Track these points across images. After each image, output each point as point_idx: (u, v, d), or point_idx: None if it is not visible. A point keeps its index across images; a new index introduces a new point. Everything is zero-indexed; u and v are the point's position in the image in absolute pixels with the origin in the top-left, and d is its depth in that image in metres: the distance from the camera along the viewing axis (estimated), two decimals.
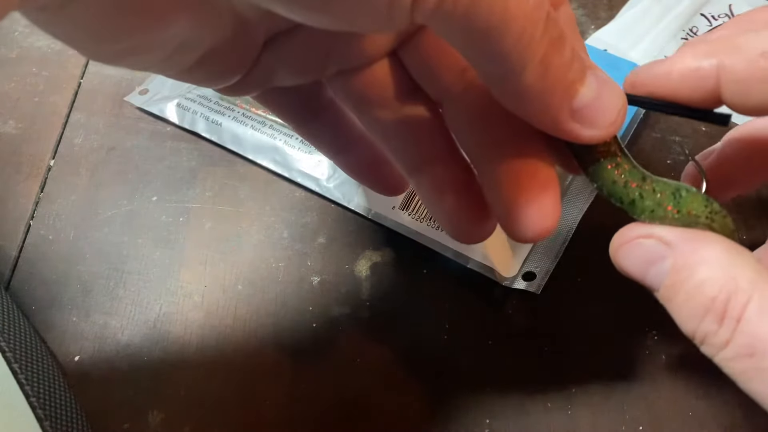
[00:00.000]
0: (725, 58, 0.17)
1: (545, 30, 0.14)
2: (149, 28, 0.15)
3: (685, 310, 0.17)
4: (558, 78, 0.15)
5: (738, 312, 0.15)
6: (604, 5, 0.39)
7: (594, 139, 0.17)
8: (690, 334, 0.17)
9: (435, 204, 0.22)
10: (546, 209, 0.18)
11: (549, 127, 0.17)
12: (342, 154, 0.25)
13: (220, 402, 0.26)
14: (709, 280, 0.16)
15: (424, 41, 0.19)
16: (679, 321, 0.17)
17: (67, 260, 0.30)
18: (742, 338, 0.15)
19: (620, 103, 0.17)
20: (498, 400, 0.26)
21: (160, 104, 0.34)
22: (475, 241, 0.22)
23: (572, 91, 0.16)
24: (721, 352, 0.16)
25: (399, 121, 0.20)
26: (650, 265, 0.17)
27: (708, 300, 0.16)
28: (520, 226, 0.18)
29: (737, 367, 0.16)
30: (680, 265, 0.17)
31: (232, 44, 0.17)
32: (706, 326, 0.16)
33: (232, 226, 0.31)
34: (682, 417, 0.26)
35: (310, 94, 0.23)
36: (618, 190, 0.18)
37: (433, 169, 0.21)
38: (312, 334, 0.28)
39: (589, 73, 0.16)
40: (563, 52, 0.15)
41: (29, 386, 0.24)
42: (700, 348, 0.17)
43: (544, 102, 0.16)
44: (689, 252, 0.17)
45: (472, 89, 0.19)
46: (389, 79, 0.20)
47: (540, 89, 0.15)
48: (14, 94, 0.35)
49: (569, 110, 0.16)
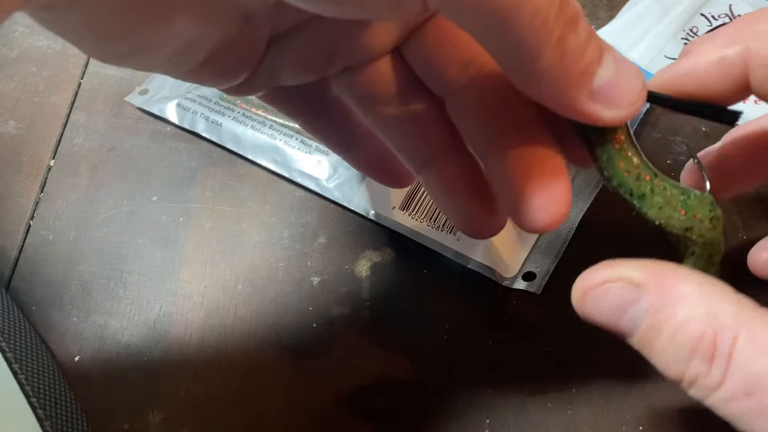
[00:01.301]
0: (751, 43, 0.16)
1: (560, 10, 0.14)
2: (155, 26, 0.15)
3: (670, 353, 0.15)
4: (575, 59, 0.15)
5: (728, 348, 0.14)
6: (604, 5, 0.39)
7: (615, 120, 0.16)
8: (676, 377, 0.16)
9: (444, 200, 0.22)
10: (557, 196, 0.18)
11: (568, 110, 0.16)
12: (350, 150, 0.25)
13: (220, 402, 0.26)
14: (693, 317, 0.15)
15: (426, 36, 0.19)
16: (663, 365, 0.16)
17: (67, 260, 0.30)
18: (738, 377, 0.14)
19: (640, 82, 0.16)
20: (498, 400, 0.26)
21: (160, 104, 0.34)
22: (485, 236, 0.22)
23: (591, 72, 0.15)
24: (715, 394, 0.15)
25: (404, 118, 0.20)
26: (622, 310, 0.16)
27: (695, 339, 0.15)
28: (531, 215, 0.18)
29: (736, 407, 0.15)
30: (658, 305, 0.15)
31: (237, 43, 0.17)
32: (696, 367, 0.15)
33: (232, 226, 0.31)
34: (682, 417, 0.26)
35: (315, 92, 0.23)
36: (629, 182, 0.17)
37: (440, 164, 0.21)
38: (312, 334, 0.28)
39: (606, 53, 0.16)
40: (579, 32, 0.15)
41: (29, 386, 0.24)
42: (688, 391, 0.16)
43: (562, 84, 0.15)
44: (664, 290, 0.15)
45: (475, 82, 0.19)
46: (393, 76, 0.20)
47: (558, 71, 0.15)
48: (14, 94, 0.35)
49: (588, 91, 0.15)
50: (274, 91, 0.21)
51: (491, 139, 0.19)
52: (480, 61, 0.19)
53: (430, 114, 0.20)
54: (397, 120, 0.21)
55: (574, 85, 0.15)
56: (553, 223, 0.18)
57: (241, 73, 0.19)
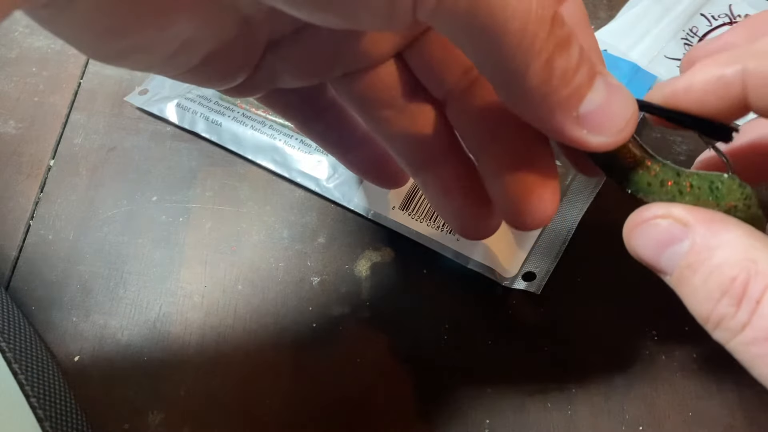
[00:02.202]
0: (749, 63, 0.17)
1: (551, 31, 0.14)
2: (153, 25, 0.15)
3: (701, 292, 0.16)
4: (564, 81, 0.15)
5: (758, 294, 0.15)
6: (604, 5, 0.39)
7: (602, 147, 0.16)
8: (704, 317, 0.16)
9: (441, 202, 0.22)
10: (546, 199, 0.19)
11: (555, 133, 0.16)
12: (345, 152, 0.25)
13: (220, 402, 0.26)
14: (729, 261, 0.15)
15: (429, 42, 0.19)
16: (693, 304, 0.16)
17: (67, 260, 0.30)
18: (762, 321, 0.15)
19: (630, 110, 0.16)
20: (498, 400, 0.26)
21: (160, 104, 0.34)
22: (480, 237, 0.22)
23: (578, 96, 0.15)
24: (738, 337, 0.15)
25: (403, 122, 0.20)
26: (665, 246, 0.16)
27: (727, 280, 0.15)
28: (522, 216, 0.19)
29: (754, 351, 0.15)
30: (699, 246, 0.16)
31: (235, 45, 0.17)
32: (723, 309, 0.15)
33: (232, 226, 0.31)
34: (682, 417, 0.26)
35: (312, 94, 0.22)
36: (656, 191, 0.17)
37: (438, 167, 0.21)
38: (312, 334, 0.28)
39: (599, 77, 0.16)
40: (570, 55, 0.15)
41: (29, 386, 0.24)
42: (713, 333, 0.16)
43: (548, 106, 0.15)
44: (709, 234, 0.16)
45: (475, 88, 0.19)
46: (394, 81, 0.20)
47: (544, 92, 0.15)
48: (14, 94, 0.35)
49: (575, 116, 0.15)
50: (270, 92, 0.21)
51: (488, 144, 0.19)
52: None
53: (430, 118, 0.20)
54: (396, 124, 0.21)
55: (561, 109, 0.15)
56: (540, 224, 0.19)
57: (238, 75, 0.19)
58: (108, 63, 0.17)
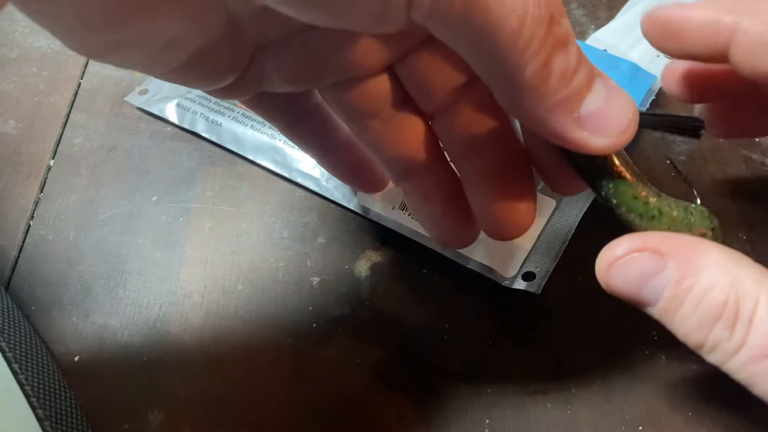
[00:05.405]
0: (744, 18, 0.17)
1: (549, 30, 0.14)
2: (141, 19, 0.15)
3: (693, 320, 0.16)
4: (563, 82, 0.15)
5: (749, 313, 0.15)
6: (604, 5, 0.39)
7: (603, 149, 0.16)
8: (698, 344, 0.16)
9: (422, 210, 0.22)
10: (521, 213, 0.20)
11: (554, 135, 0.16)
12: (327, 156, 0.25)
13: (220, 402, 0.26)
14: (716, 285, 0.15)
15: (421, 58, 0.18)
16: (684, 332, 0.16)
17: (67, 260, 0.30)
18: (756, 339, 0.15)
19: (631, 111, 0.16)
20: (498, 400, 0.26)
21: (160, 104, 0.34)
22: (459, 245, 0.23)
23: (579, 97, 0.15)
24: (734, 358, 0.15)
25: (389, 132, 0.20)
26: (646, 280, 0.16)
27: (719, 305, 0.15)
28: (498, 227, 0.20)
29: (753, 370, 0.15)
30: (682, 274, 0.16)
31: (222, 45, 0.17)
32: (718, 334, 0.15)
33: (232, 226, 0.31)
34: (682, 417, 0.26)
35: (297, 97, 0.22)
36: (638, 206, 0.17)
37: (421, 176, 0.21)
38: (312, 334, 0.28)
39: (598, 79, 0.15)
40: (569, 55, 0.15)
41: (29, 386, 0.24)
42: (708, 357, 0.16)
43: (547, 107, 0.15)
44: (689, 260, 0.16)
45: (463, 104, 0.19)
46: (383, 93, 0.20)
47: (543, 93, 0.15)
48: (14, 94, 0.35)
49: (576, 117, 0.15)
50: (256, 94, 0.21)
51: (473, 157, 0.20)
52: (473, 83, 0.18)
53: (417, 129, 0.20)
54: (382, 133, 0.21)
55: (561, 109, 0.15)
56: (515, 235, 0.20)
57: (226, 77, 0.19)
58: (96, 59, 0.17)
